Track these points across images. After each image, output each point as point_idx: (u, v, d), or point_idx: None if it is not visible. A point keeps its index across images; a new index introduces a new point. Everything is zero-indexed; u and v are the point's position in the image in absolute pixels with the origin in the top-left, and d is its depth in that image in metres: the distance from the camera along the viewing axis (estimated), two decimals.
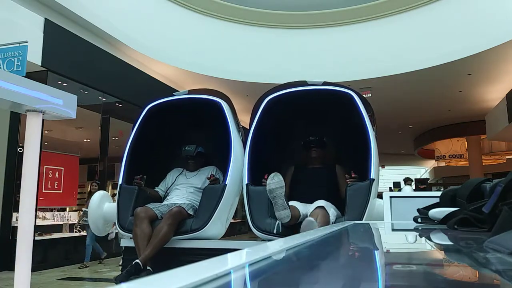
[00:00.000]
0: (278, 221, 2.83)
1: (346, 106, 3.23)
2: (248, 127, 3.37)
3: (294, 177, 3.39)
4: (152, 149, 3.67)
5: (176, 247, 2.96)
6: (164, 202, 3.32)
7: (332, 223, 2.78)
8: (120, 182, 3.31)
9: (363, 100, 3.24)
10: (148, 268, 2.78)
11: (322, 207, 2.84)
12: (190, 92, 3.70)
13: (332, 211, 2.89)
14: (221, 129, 3.34)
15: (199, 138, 3.68)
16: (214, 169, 3.50)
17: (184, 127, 3.79)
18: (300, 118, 3.65)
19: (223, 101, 3.47)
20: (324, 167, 3.41)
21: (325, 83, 3.37)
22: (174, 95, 3.64)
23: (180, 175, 3.53)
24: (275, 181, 2.74)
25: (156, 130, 3.65)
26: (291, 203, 2.98)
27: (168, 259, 2.89)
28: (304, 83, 3.40)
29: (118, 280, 2.75)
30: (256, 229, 2.91)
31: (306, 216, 2.90)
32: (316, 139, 3.44)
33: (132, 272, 2.70)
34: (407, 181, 9.64)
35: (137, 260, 2.75)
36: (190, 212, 3.11)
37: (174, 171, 3.58)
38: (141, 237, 2.88)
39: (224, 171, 3.25)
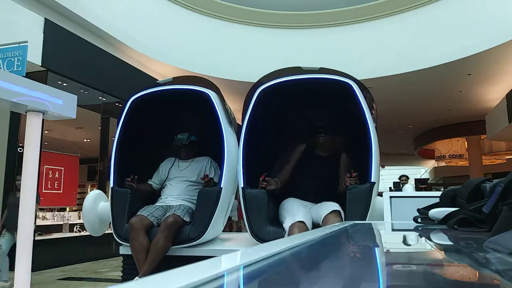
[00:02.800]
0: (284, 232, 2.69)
1: (345, 96, 3.01)
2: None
3: (293, 170, 3.10)
4: (141, 143, 3.47)
5: (175, 255, 2.89)
6: (158, 203, 3.19)
7: None
8: (111, 184, 3.14)
9: (363, 89, 3.03)
10: None
11: (337, 212, 2.68)
12: (174, 80, 3.44)
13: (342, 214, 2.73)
14: (211, 119, 3.14)
15: (189, 127, 3.48)
16: (209, 161, 3.36)
17: (173, 117, 3.59)
18: (295, 106, 3.41)
19: (211, 91, 3.25)
20: (329, 156, 3.14)
21: (321, 70, 3.14)
22: (158, 83, 3.42)
23: (173, 166, 3.36)
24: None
25: (143, 123, 3.43)
26: (291, 203, 2.87)
27: (168, 268, 2.84)
28: (298, 69, 3.16)
29: None
30: (255, 238, 2.77)
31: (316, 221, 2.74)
32: (325, 125, 3.17)
33: None
34: (402, 177, 8.62)
35: (136, 278, 2.71)
36: (186, 218, 2.98)
37: (167, 162, 3.42)
38: (139, 250, 2.81)
39: (218, 162, 3.11)
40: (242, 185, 2.85)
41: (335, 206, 2.73)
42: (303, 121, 3.32)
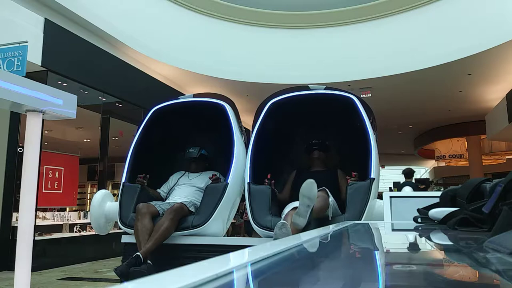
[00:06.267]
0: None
1: (348, 110, 3.28)
2: (249, 127, 3.41)
3: (296, 179, 3.41)
4: (155, 150, 3.73)
5: (176, 243, 3.00)
6: (166, 201, 3.35)
7: (331, 215, 2.81)
8: (123, 180, 3.36)
9: (364, 105, 3.30)
10: (148, 261, 2.79)
11: (324, 189, 2.85)
12: (195, 96, 3.77)
13: (331, 198, 2.91)
14: (224, 132, 3.39)
15: (202, 141, 3.75)
16: (217, 174, 3.54)
17: (188, 130, 3.86)
18: (302, 121, 3.71)
19: (227, 104, 3.53)
20: (326, 170, 3.45)
21: (327, 88, 3.43)
22: (179, 98, 3.72)
23: (183, 176, 3.59)
24: (282, 232, 2.63)
25: (160, 132, 3.72)
26: (294, 204, 2.99)
27: (168, 254, 2.91)
28: (306, 87, 3.45)
29: (118, 271, 2.75)
30: (257, 226, 2.97)
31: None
32: (319, 142, 3.51)
33: (132, 264, 2.71)
34: (409, 174, 7.29)
35: (137, 253, 2.78)
36: (192, 209, 3.16)
37: (177, 174, 3.64)
38: (142, 231, 2.90)
39: (226, 174, 3.28)
40: (248, 181, 3.11)
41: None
42: (307, 134, 3.65)
